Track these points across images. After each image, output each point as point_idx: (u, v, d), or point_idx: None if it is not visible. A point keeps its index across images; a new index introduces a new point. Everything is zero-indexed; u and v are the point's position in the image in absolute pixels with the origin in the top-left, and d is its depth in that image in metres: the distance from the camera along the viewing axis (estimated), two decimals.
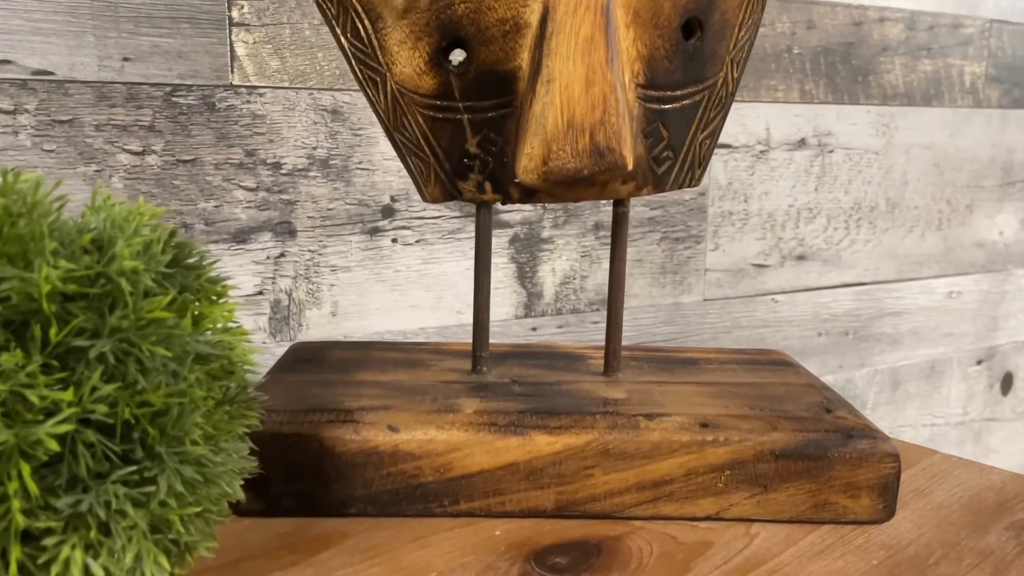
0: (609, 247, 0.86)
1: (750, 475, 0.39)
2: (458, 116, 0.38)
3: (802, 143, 0.91)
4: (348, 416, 0.39)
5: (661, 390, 0.43)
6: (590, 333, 0.83)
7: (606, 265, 0.83)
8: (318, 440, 0.38)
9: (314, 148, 0.69)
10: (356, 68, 0.39)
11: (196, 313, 0.29)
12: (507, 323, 0.79)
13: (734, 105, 0.86)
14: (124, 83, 0.62)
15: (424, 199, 0.40)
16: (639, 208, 0.84)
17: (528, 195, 0.39)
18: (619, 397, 0.42)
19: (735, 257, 0.90)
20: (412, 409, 0.39)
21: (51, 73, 0.60)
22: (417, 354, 0.47)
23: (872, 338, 1.00)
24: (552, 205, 0.79)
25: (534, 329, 0.80)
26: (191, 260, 0.31)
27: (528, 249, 0.79)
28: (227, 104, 0.66)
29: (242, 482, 0.30)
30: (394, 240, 0.73)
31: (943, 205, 1.02)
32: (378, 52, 0.38)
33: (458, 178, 0.39)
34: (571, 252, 0.81)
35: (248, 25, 0.65)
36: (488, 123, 0.38)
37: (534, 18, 0.36)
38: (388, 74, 0.38)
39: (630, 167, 0.37)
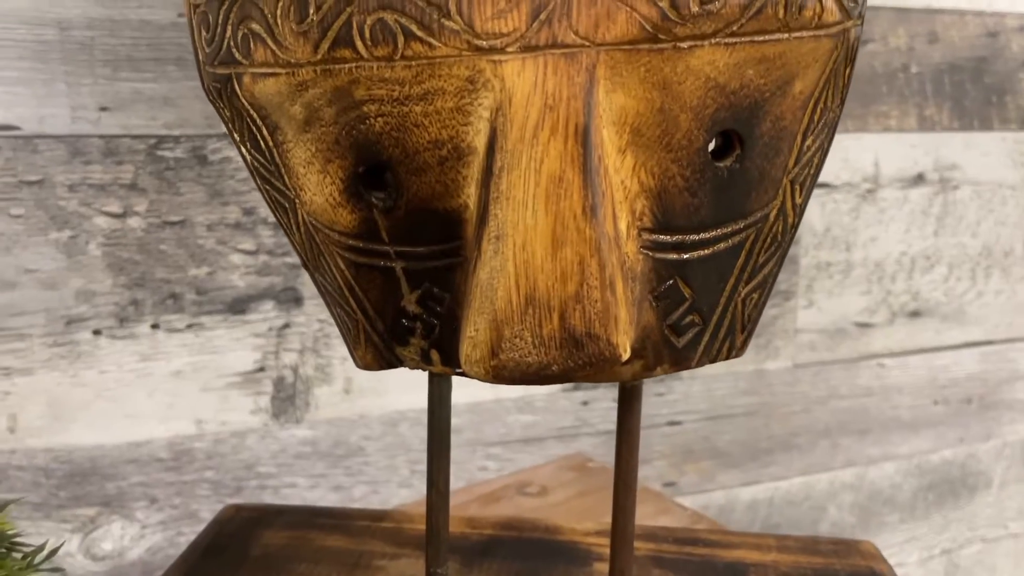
0: None
1: None
2: (388, 264, 0.28)
3: (919, 179, 0.76)
4: None
5: None
6: (653, 407, 0.71)
7: None
8: None
9: None
10: (260, 187, 0.29)
11: None
12: (553, 397, 0.68)
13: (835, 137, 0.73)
14: (101, 136, 0.54)
15: (355, 364, 0.30)
16: None
17: None
18: None
19: (834, 315, 0.76)
20: None
21: (17, 128, 0.53)
22: (368, 542, 0.37)
23: (1001, 405, 0.84)
24: None
25: (585, 403, 0.69)
26: None
27: None
28: (221, 156, 0.57)
29: None
30: None
31: None
32: (283, 172, 0.28)
33: (396, 342, 0.29)
34: None
35: None
36: (429, 275, 0.27)
37: (480, 141, 0.25)
38: (297, 201, 0.28)
39: (624, 356, 0.25)
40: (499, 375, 0.24)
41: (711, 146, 0.28)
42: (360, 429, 0.63)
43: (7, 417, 0.55)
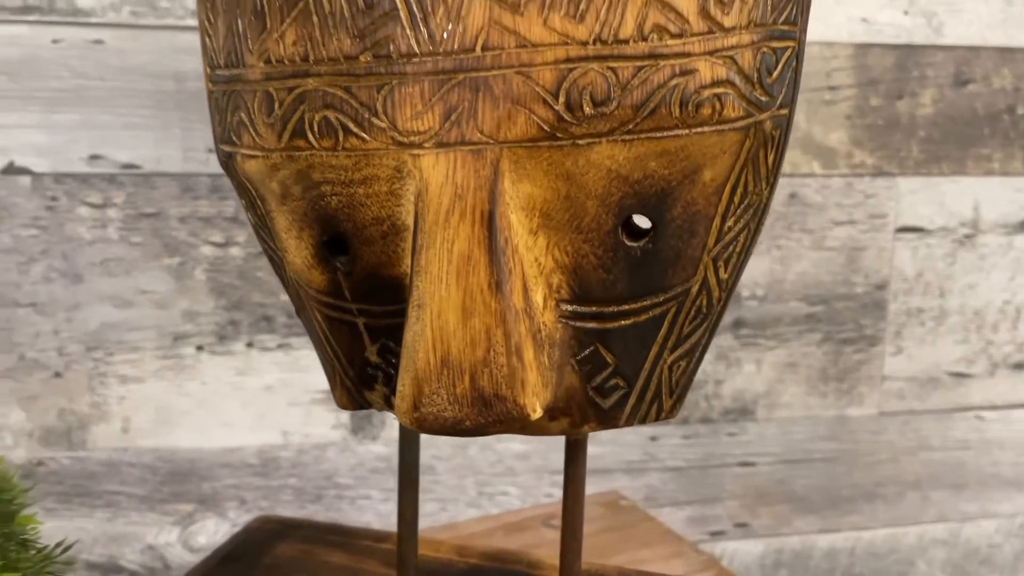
0: (754, 348, 0.75)
1: None
2: (352, 319, 0.31)
3: None
4: None
5: None
6: (724, 447, 0.71)
7: (747, 368, 0.71)
8: None
9: None
10: (261, 245, 0.34)
11: None
12: (620, 430, 0.70)
13: (928, 180, 0.70)
14: (209, 175, 0.61)
15: (335, 402, 0.34)
16: (794, 303, 0.71)
17: None
18: None
19: (925, 363, 0.73)
20: None
21: (138, 167, 0.61)
22: (366, 561, 0.40)
23: None
24: None
25: (654, 438, 0.70)
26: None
27: None
28: None
29: None
30: None
31: None
32: (272, 234, 0.32)
33: (364, 387, 0.32)
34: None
35: None
36: (385, 331, 0.31)
37: (411, 220, 0.28)
38: (284, 259, 0.32)
39: (533, 416, 0.27)
40: (421, 426, 0.27)
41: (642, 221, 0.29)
42: (431, 449, 0.67)
43: (121, 419, 0.63)
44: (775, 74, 0.29)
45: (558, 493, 0.70)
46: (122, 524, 0.64)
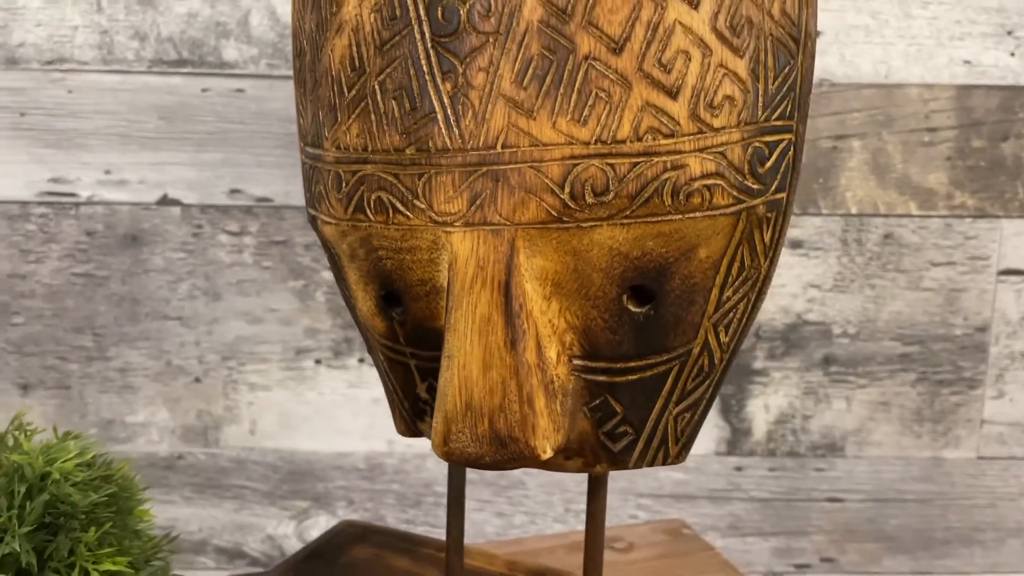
0: (844, 385, 0.75)
1: None
2: (406, 360, 0.37)
3: None
4: None
5: None
6: (812, 481, 0.72)
7: (837, 405, 0.72)
8: None
9: None
10: (340, 290, 0.40)
11: None
12: (705, 458, 0.72)
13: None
14: None
15: (396, 429, 0.39)
16: (888, 342, 0.71)
17: None
18: None
19: None
20: None
21: (271, 200, 0.69)
22: (425, 568, 0.44)
23: None
24: (769, 334, 0.71)
25: (739, 469, 0.72)
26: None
27: (735, 380, 0.71)
28: None
29: None
30: None
31: None
32: (346, 284, 0.38)
33: (416, 418, 0.37)
34: (791, 387, 0.71)
35: None
36: (432, 372, 0.35)
37: (446, 283, 0.33)
38: (355, 306, 0.38)
39: (544, 456, 0.32)
40: (449, 458, 0.32)
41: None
42: None
43: (249, 422, 0.71)
44: (768, 164, 0.32)
45: (642, 515, 0.73)
46: (247, 515, 0.72)
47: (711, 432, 0.72)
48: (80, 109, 0.67)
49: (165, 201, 0.68)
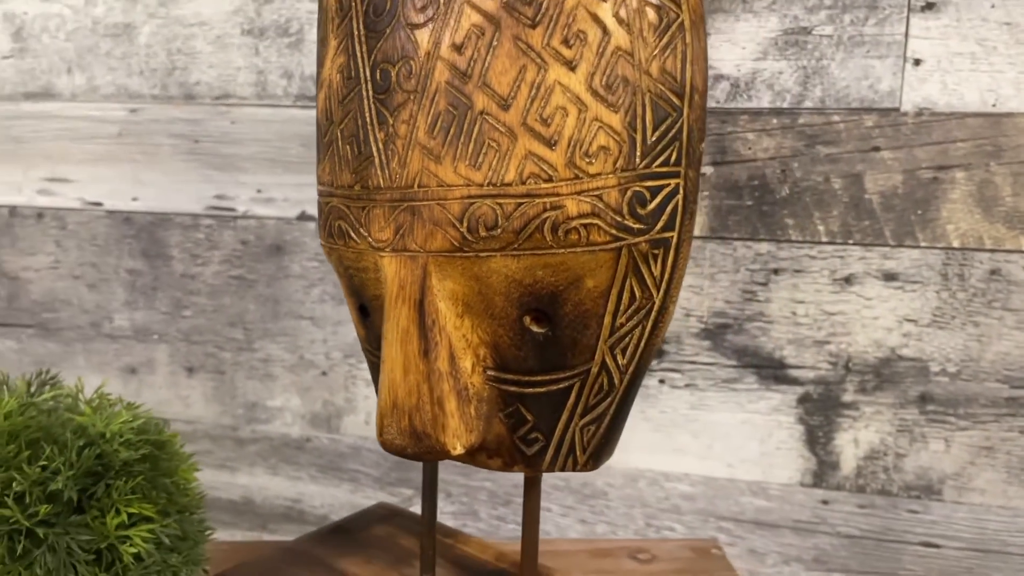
0: (943, 426, 0.70)
1: None
2: (376, 361, 0.42)
3: None
4: None
5: None
6: (905, 523, 0.70)
7: (934, 446, 0.69)
8: None
9: None
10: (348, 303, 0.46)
11: None
12: (789, 488, 0.71)
13: None
14: None
15: None
16: (993, 384, 0.67)
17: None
18: None
19: None
20: None
21: None
22: (457, 548, 0.49)
23: None
24: (860, 367, 0.69)
25: (825, 502, 0.71)
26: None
27: (822, 411, 0.70)
28: None
29: None
30: (661, 381, 0.73)
31: None
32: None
33: None
34: (883, 423, 0.69)
35: None
36: None
37: None
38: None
39: (455, 452, 0.36)
40: (385, 448, 0.38)
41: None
42: (604, 476, 0.75)
43: (365, 414, 0.80)
44: (651, 206, 0.35)
45: (723, 537, 0.73)
46: (360, 497, 0.81)
47: (796, 462, 0.71)
48: (240, 137, 0.79)
49: (303, 217, 0.79)
